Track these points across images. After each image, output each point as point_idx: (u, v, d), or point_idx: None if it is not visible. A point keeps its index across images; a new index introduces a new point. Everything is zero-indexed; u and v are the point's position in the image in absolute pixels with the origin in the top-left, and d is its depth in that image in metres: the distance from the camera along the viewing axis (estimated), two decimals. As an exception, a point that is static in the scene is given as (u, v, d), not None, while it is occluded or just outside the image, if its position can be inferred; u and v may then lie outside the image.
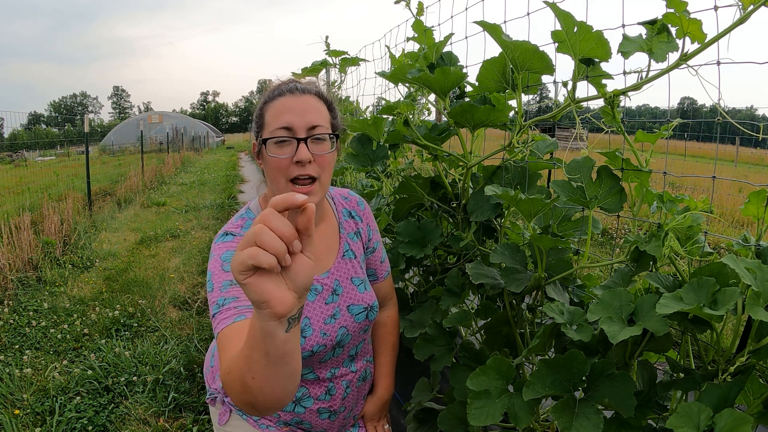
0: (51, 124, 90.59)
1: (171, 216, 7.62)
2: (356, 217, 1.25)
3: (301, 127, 0.99)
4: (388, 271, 1.32)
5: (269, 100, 1.03)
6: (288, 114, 0.99)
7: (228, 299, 0.91)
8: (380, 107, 2.10)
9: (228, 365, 0.78)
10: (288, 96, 1.01)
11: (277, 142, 0.99)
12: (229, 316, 0.89)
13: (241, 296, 0.92)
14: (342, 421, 1.19)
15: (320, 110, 1.03)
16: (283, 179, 0.99)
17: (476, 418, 1.02)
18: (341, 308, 1.11)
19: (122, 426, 2.35)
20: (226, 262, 0.95)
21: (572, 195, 1.13)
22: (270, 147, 0.99)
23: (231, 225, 1.06)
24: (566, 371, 0.97)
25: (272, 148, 0.99)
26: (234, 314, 0.88)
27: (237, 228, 1.04)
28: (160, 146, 23.79)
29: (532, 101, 1.63)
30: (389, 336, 1.32)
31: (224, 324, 0.88)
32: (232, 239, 1.01)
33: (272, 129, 0.99)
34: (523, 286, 1.20)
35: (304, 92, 1.03)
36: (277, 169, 0.99)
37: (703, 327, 0.90)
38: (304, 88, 1.03)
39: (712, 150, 14.37)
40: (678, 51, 0.95)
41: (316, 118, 1.01)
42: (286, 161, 0.98)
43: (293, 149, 0.98)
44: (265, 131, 1.01)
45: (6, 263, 4.26)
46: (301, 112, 0.99)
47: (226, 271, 0.94)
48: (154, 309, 3.75)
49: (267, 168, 1.02)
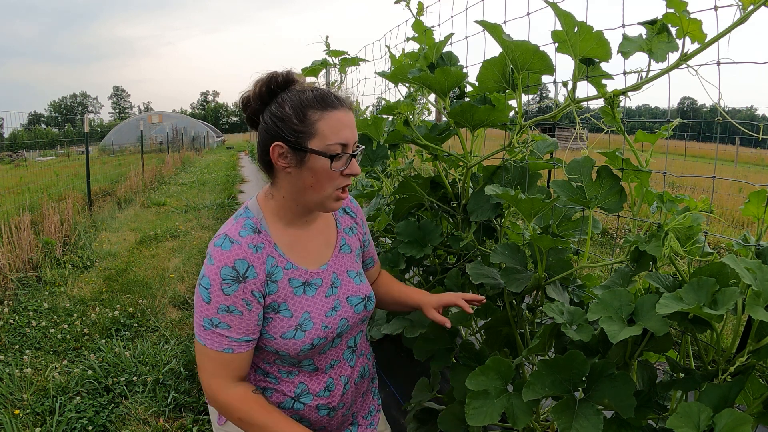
0: (51, 124, 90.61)
1: (171, 216, 7.63)
2: (351, 213, 1.28)
3: (352, 143, 1.06)
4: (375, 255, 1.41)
5: (319, 109, 1.02)
6: (346, 131, 1.04)
7: (221, 325, 1.01)
8: (380, 107, 2.10)
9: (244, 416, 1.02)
10: (341, 110, 1.05)
11: (338, 157, 1.03)
12: (218, 341, 1.01)
13: (233, 327, 1.01)
14: (341, 419, 1.20)
15: None
16: (331, 188, 1.05)
17: (474, 418, 1.03)
18: (341, 300, 1.14)
19: (122, 426, 2.35)
20: (225, 282, 1.00)
21: (572, 195, 1.13)
22: (325, 159, 1.02)
23: (230, 227, 1.06)
24: (566, 371, 0.97)
25: (333, 162, 1.03)
26: (224, 345, 1.01)
27: (235, 233, 1.04)
28: (160, 146, 23.80)
29: (532, 101, 1.63)
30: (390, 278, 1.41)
31: (212, 345, 1.01)
32: (230, 247, 1.02)
33: (331, 143, 1.02)
34: (523, 286, 1.20)
35: (349, 108, 1.08)
36: (329, 180, 1.04)
37: (703, 327, 0.90)
38: (348, 102, 1.09)
39: (712, 150, 14.38)
40: (678, 51, 0.95)
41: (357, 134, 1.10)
42: (338, 173, 1.04)
43: (345, 163, 1.05)
44: (317, 141, 1.02)
45: (6, 263, 4.26)
46: (353, 129, 1.07)
47: (225, 294, 1.00)
48: (154, 309, 3.75)
49: (313, 176, 1.04)
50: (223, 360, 1.02)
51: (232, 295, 1.00)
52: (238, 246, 1.02)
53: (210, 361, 1.03)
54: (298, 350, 1.05)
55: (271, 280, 1.06)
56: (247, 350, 1.04)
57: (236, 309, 1.01)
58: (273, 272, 1.06)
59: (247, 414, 1.03)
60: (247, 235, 1.05)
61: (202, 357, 1.04)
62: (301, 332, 1.05)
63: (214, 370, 1.03)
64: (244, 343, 1.03)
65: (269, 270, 1.06)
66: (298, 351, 1.05)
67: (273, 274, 1.06)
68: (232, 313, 1.01)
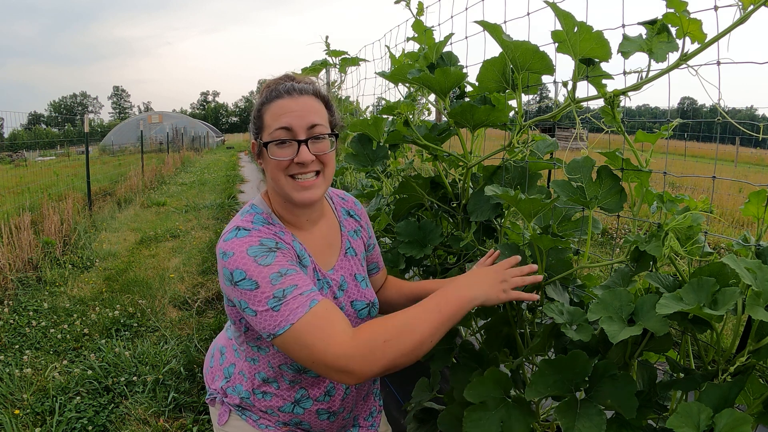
0: (51, 124, 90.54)
1: (171, 216, 7.62)
2: (355, 216, 1.26)
3: (300, 129, 1.00)
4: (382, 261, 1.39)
5: (267, 102, 1.03)
6: (287, 116, 1.00)
7: (287, 289, 0.90)
8: (380, 107, 2.10)
9: (387, 334, 0.88)
10: (286, 98, 1.02)
11: (278, 144, 1.00)
12: (301, 303, 0.89)
13: (299, 283, 0.92)
14: (341, 422, 1.19)
15: (318, 110, 1.04)
16: (283, 177, 1.01)
17: (472, 431, 1.03)
18: (346, 304, 1.13)
19: (122, 426, 2.35)
20: (259, 257, 0.92)
21: (572, 195, 1.13)
22: (271, 148, 1.01)
23: (241, 221, 1.03)
24: (569, 371, 0.97)
25: (273, 150, 1.01)
26: (306, 300, 0.90)
27: (248, 223, 1.02)
28: (160, 146, 23.79)
29: (532, 101, 1.63)
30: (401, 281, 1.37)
31: (301, 312, 0.88)
32: (247, 234, 0.98)
33: (272, 130, 1.00)
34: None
35: (302, 93, 1.03)
36: (279, 169, 1.01)
37: (703, 327, 0.90)
38: (301, 89, 1.04)
39: (712, 150, 14.38)
40: (678, 51, 0.95)
41: (314, 117, 1.02)
42: (287, 162, 1.01)
43: (294, 150, 1.00)
44: (265, 133, 1.02)
45: (6, 263, 4.26)
46: (300, 114, 1.01)
47: (267, 264, 0.91)
48: (154, 309, 3.75)
49: (268, 168, 1.04)
50: (319, 316, 0.88)
51: (274, 262, 0.92)
52: (257, 231, 0.98)
53: (313, 330, 0.87)
54: None
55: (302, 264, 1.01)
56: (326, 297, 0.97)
57: (287, 269, 0.92)
58: (302, 255, 1.03)
59: (383, 329, 0.90)
60: (261, 225, 1.01)
61: (304, 337, 0.87)
62: None
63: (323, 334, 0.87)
64: (319, 293, 0.94)
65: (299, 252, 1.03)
66: None
67: (303, 258, 1.03)
68: (288, 274, 0.92)
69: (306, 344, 0.87)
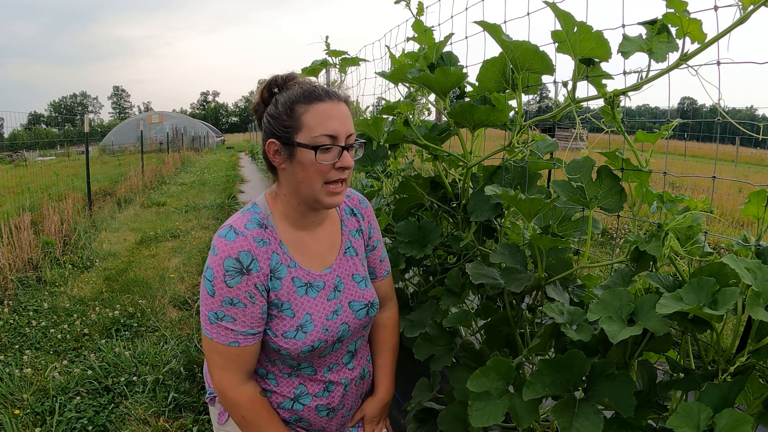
0: (51, 124, 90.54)
1: (171, 216, 7.62)
2: (358, 214, 1.25)
3: (343, 135, 1.03)
4: (387, 271, 1.32)
5: (306, 103, 1.02)
6: (333, 121, 1.02)
7: (226, 317, 1.00)
8: (380, 107, 2.10)
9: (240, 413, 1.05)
10: (328, 102, 1.03)
11: (324, 149, 1.01)
12: (225, 335, 1.01)
13: (238, 320, 1.01)
14: (341, 420, 1.20)
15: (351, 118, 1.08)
16: (321, 182, 1.03)
17: (477, 420, 1.02)
18: (343, 304, 1.13)
19: (122, 426, 2.35)
20: (228, 274, 0.99)
21: (572, 195, 1.13)
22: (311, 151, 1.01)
23: (236, 220, 1.06)
24: (566, 371, 0.97)
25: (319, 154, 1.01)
26: (231, 338, 1.01)
27: (242, 226, 1.04)
28: (160, 146, 23.79)
29: (532, 101, 1.63)
30: (390, 338, 1.32)
31: (219, 339, 1.02)
32: (234, 239, 1.01)
33: (317, 134, 1.00)
34: (523, 286, 1.20)
35: (340, 99, 1.05)
36: (318, 173, 1.02)
37: (703, 327, 0.90)
38: (339, 95, 1.06)
39: (712, 150, 14.38)
40: (678, 51, 0.95)
41: (351, 126, 1.06)
42: (329, 166, 1.02)
43: (335, 156, 1.02)
44: (304, 134, 1.01)
45: (6, 263, 4.26)
46: (342, 120, 1.03)
47: (229, 286, 0.99)
48: (154, 309, 3.75)
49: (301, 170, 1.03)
50: (231, 354, 1.02)
51: (236, 287, 0.99)
52: (243, 238, 1.02)
53: (218, 355, 1.03)
54: (299, 351, 1.05)
55: (275, 277, 1.05)
56: (253, 343, 1.04)
57: (240, 301, 1.00)
58: (277, 268, 1.06)
59: (253, 414, 1.04)
60: (254, 229, 1.04)
61: (211, 351, 1.03)
62: (302, 333, 1.05)
63: (223, 364, 1.03)
64: (250, 336, 1.02)
65: (273, 266, 1.05)
66: (299, 352, 1.05)
67: (277, 271, 1.06)
68: (236, 306, 1.00)
69: (210, 357, 1.04)
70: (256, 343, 1.05)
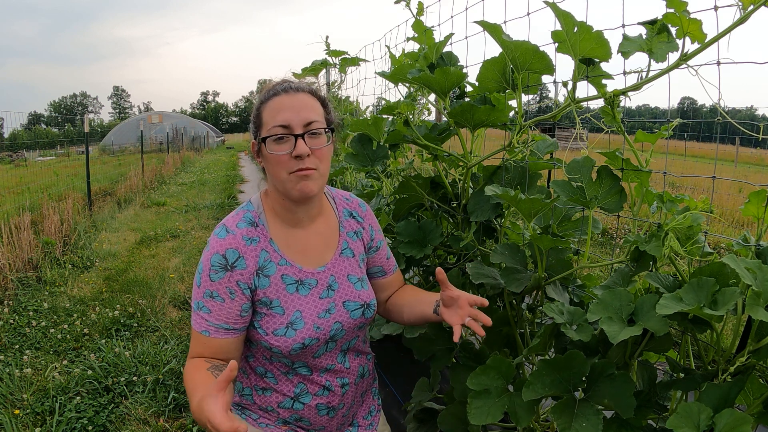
0: (51, 124, 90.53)
1: (171, 216, 7.63)
2: (357, 217, 1.26)
3: (297, 124, 1.04)
4: (395, 266, 1.34)
5: (265, 101, 1.08)
6: (284, 112, 1.04)
7: (204, 308, 1.05)
8: (380, 107, 2.10)
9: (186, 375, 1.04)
10: (283, 95, 1.06)
11: (276, 139, 1.04)
12: (198, 323, 1.06)
13: (213, 312, 1.05)
14: (341, 419, 1.20)
15: (314, 106, 1.09)
16: (284, 172, 1.05)
17: (476, 417, 1.03)
18: (336, 303, 1.13)
19: (122, 426, 2.35)
20: (213, 269, 1.04)
21: (572, 195, 1.13)
22: (269, 144, 1.05)
23: (230, 218, 1.11)
24: (566, 371, 0.97)
25: (271, 145, 1.04)
26: (203, 327, 1.05)
27: (233, 225, 1.09)
28: (160, 146, 23.80)
29: (532, 101, 1.63)
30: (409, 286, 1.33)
31: (194, 326, 1.07)
32: (224, 237, 1.06)
33: (270, 127, 1.05)
34: (523, 286, 1.20)
35: (297, 90, 1.08)
36: (278, 164, 1.05)
37: (703, 327, 0.90)
38: (297, 87, 1.08)
39: (712, 150, 14.37)
40: (678, 51, 0.95)
41: (311, 114, 1.06)
42: (286, 156, 1.04)
43: (291, 145, 1.04)
44: (263, 130, 1.06)
45: (6, 263, 4.26)
46: (296, 110, 1.05)
47: (212, 280, 1.04)
48: (154, 309, 3.75)
49: (268, 164, 1.08)
50: (200, 340, 1.07)
51: (217, 282, 1.04)
52: (233, 236, 1.06)
53: (193, 340, 1.08)
54: (290, 348, 1.05)
55: (263, 274, 1.08)
56: (224, 338, 1.06)
57: (219, 296, 1.04)
58: (265, 266, 1.08)
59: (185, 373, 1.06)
60: (244, 227, 1.08)
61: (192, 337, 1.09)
62: (292, 330, 1.06)
63: (193, 348, 1.08)
64: (222, 330, 1.05)
65: (261, 263, 1.08)
66: (290, 349, 1.05)
67: (265, 268, 1.08)
68: (214, 299, 1.05)
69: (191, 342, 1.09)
70: (228, 339, 1.07)
